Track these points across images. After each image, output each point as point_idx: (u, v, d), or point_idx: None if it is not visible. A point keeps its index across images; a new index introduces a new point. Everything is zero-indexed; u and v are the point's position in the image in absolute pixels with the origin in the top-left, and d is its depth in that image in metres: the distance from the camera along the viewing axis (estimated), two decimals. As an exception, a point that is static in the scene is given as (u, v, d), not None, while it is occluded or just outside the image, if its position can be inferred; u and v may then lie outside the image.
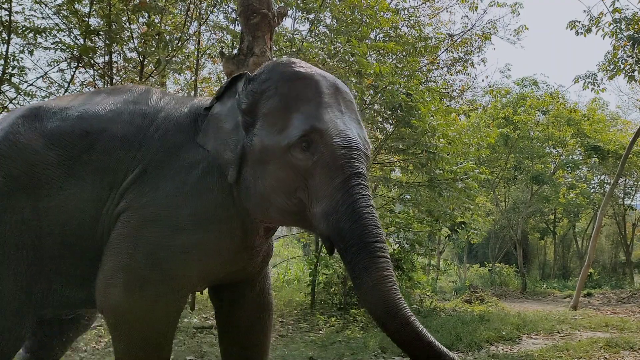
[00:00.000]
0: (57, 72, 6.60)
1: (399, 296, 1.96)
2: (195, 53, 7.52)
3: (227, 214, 2.29)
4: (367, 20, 7.18)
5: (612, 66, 9.98)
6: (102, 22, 6.22)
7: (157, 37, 6.40)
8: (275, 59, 2.83)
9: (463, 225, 9.37)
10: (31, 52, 5.74)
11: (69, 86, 6.40)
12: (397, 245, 9.34)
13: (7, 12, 5.55)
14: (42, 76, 6.38)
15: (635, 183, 18.59)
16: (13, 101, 6.07)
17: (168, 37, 6.63)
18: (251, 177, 2.22)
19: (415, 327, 1.94)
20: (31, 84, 6.08)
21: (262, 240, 2.48)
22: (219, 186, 2.28)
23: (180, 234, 2.20)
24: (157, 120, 2.40)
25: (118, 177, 2.30)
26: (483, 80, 24.61)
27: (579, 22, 9.75)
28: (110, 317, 2.26)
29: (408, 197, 9.07)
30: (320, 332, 6.76)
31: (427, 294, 10.51)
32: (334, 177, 2.07)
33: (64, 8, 6.11)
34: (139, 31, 6.82)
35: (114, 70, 6.86)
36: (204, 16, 7.43)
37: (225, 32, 7.41)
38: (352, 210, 2.01)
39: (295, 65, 2.28)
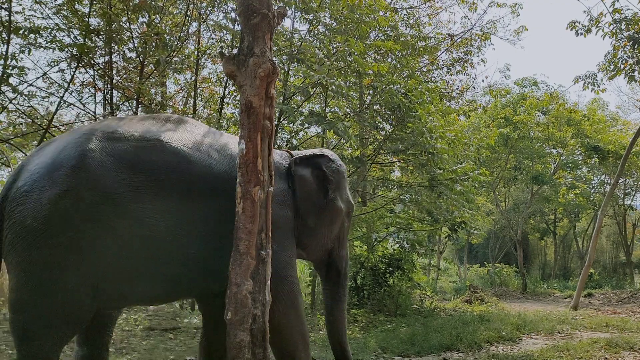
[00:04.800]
0: (57, 72, 6.60)
1: None
2: (195, 53, 7.51)
3: None
4: (366, 19, 7.18)
5: (612, 66, 9.97)
6: (102, 22, 6.21)
7: (156, 37, 6.39)
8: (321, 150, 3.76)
9: (463, 225, 9.36)
10: (29, 52, 5.72)
11: (68, 86, 6.39)
12: (397, 245, 9.33)
13: (7, 13, 5.54)
14: (41, 76, 6.37)
15: (635, 183, 18.57)
16: (13, 101, 6.07)
17: (168, 37, 6.62)
18: (321, 224, 3.54)
19: None
20: (31, 84, 6.07)
21: None
22: None
23: None
24: None
25: None
26: (483, 81, 24.59)
27: (579, 22, 9.75)
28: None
29: (407, 197, 9.07)
30: (321, 332, 6.75)
31: (428, 294, 10.51)
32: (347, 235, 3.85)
33: (64, 8, 6.11)
34: (139, 31, 6.81)
35: (114, 71, 6.85)
36: (204, 16, 7.41)
37: (225, 32, 7.40)
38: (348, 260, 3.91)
39: None
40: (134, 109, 6.96)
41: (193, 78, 7.71)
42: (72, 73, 6.38)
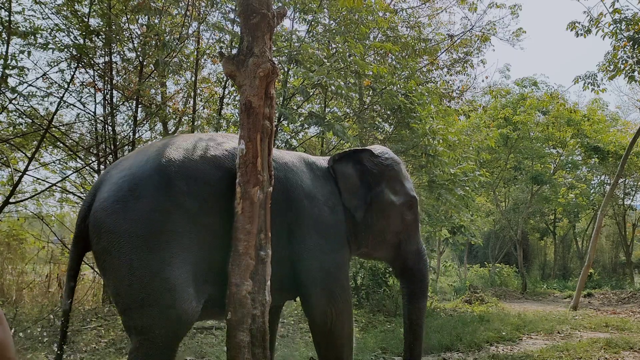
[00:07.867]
0: (57, 72, 6.61)
1: None
2: (195, 53, 7.51)
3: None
4: (365, 21, 7.18)
5: (612, 67, 9.97)
6: (101, 23, 6.22)
7: (156, 37, 6.40)
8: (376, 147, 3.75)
9: (463, 230, 9.32)
10: (29, 54, 5.73)
11: (68, 86, 6.40)
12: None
13: (7, 13, 5.55)
14: (41, 76, 6.37)
15: (635, 183, 18.57)
16: (13, 101, 6.07)
17: (167, 37, 6.62)
18: (373, 218, 3.43)
19: None
20: (30, 84, 6.07)
21: None
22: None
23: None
24: None
25: None
26: (483, 81, 24.59)
27: (579, 23, 9.75)
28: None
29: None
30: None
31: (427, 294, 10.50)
32: (418, 231, 3.68)
33: (64, 8, 6.12)
34: (139, 32, 6.81)
35: (114, 71, 6.86)
36: (202, 16, 7.42)
37: (223, 32, 7.40)
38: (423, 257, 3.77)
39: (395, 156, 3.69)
40: (134, 109, 6.97)
41: (193, 78, 7.72)
42: (72, 73, 6.39)
